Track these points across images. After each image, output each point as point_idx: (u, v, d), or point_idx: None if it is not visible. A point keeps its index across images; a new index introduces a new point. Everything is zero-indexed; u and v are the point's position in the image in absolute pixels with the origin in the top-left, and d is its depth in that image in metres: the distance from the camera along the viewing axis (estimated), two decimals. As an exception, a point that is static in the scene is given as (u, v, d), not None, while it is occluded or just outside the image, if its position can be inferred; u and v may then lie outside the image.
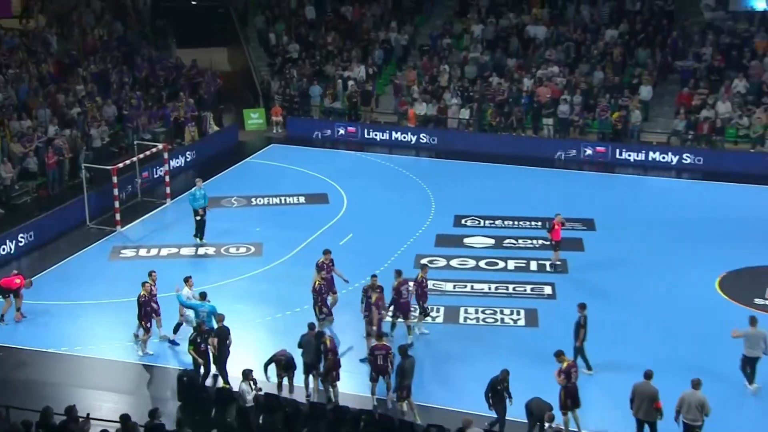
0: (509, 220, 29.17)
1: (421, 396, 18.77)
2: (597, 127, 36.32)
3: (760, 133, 34.26)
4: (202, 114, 38.08)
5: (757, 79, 35.80)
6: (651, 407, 16.95)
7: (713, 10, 38.76)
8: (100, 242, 28.21)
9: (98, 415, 16.96)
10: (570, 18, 40.53)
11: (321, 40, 42.35)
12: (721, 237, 27.56)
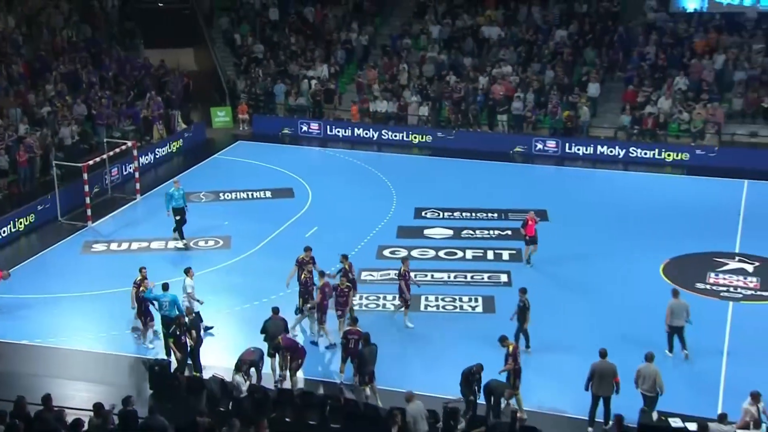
0: (467, 212, 29.18)
1: (384, 380, 18.67)
2: (548, 123, 36.42)
3: (700, 127, 34.55)
4: (170, 112, 37.67)
5: (697, 76, 36.08)
6: (610, 383, 17.29)
7: (655, 11, 39.05)
8: (71, 237, 27.81)
9: (72, 404, 16.69)
10: (522, 19, 40.60)
11: (285, 41, 42.06)
12: (665, 226, 27.80)
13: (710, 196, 30.96)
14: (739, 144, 34.28)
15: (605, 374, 17.26)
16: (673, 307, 19.90)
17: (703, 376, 18.05)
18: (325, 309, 20.54)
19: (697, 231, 27.06)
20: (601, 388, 17.33)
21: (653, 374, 17.23)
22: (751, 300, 22.84)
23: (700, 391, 18.07)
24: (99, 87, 36.55)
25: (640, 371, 17.36)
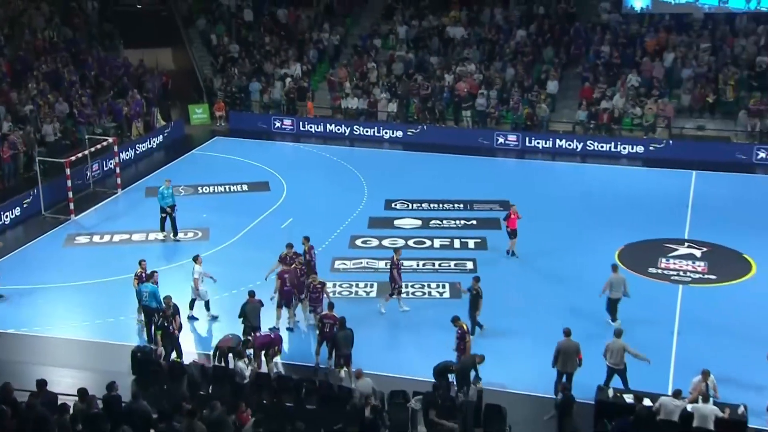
0: (434, 203, 29.25)
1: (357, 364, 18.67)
2: (510, 119, 36.54)
3: (651, 121, 34.85)
4: (150, 110, 37.41)
5: (648, 74, 36.39)
6: (574, 360, 17.56)
7: (609, 12, 39.24)
8: (55, 230, 27.57)
9: (58, 389, 16.52)
10: (485, 20, 40.71)
11: (259, 41, 41.88)
12: (619, 215, 28.08)
13: (661, 187, 31.24)
14: (687, 137, 34.55)
15: (569, 352, 17.58)
16: (612, 280, 20.54)
17: (655, 354, 18.19)
18: (286, 294, 20.49)
19: (650, 219, 27.33)
20: (566, 365, 17.61)
21: (620, 348, 17.56)
22: (699, 283, 23.14)
23: (652, 368, 18.23)
24: (80, 86, 36.21)
25: (608, 346, 17.72)
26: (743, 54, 36.23)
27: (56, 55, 37.54)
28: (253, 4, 43.61)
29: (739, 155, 33.24)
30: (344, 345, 18.48)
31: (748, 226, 26.60)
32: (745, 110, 34.20)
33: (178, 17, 43.30)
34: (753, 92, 34.78)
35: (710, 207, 28.63)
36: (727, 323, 20.70)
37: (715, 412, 15.86)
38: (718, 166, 32.76)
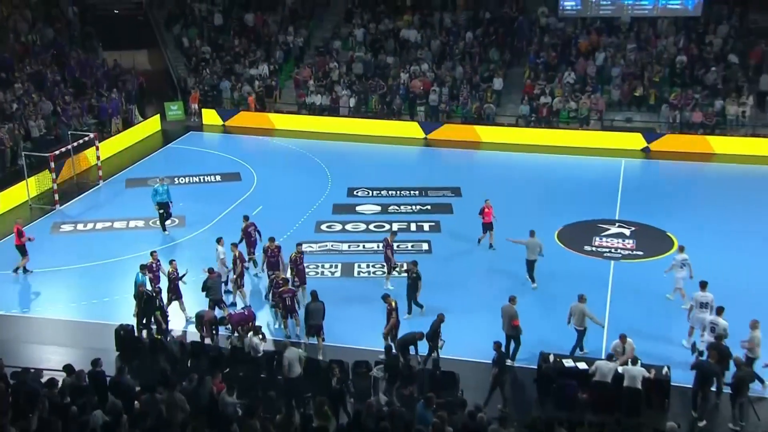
0: (392, 190, 29.27)
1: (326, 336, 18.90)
2: (460, 113, 36.64)
3: (585, 114, 35.19)
4: (128, 107, 37.00)
5: (582, 72, 36.71)
6: (511, 324, 17.79)
7: (547, 16, 39.43)
8: (41, 219, 27.22)
9: (47, 366, 16.43)
10: (436, 23, 40.71)
11: (229, 43, 41.49)
12: (558, 198, 28.39)
13: (594, 173, 31.55)
14: (617, 128, 34.90)
15: (507, 315, 17.89)
16: (528, 244, 21.40)
17: (590, 323, 18.50)
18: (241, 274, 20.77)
19: (585, 202, 27.62)
20: (506, 328, 17.93)
21: (581, 311, 17.93)
22: (628, 259, 23.44)
23: (588, 334, 18.54)
24: (63, 85, 35.74)
25: (571, 309, 18.08)
26: (665, 54, 36.73)
27: (39, 57, 37.01)
28: (223, 10, 43.17)
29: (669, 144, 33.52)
30: (315, 317, 18.53)
31: (670, 208, 27.03)
32: (667, 104, 34.69)
33: (153, 21, 42.77)
34: (673, 88, 35.27)
35: (637, 191, 29.05)
36: (653, 294, 21.02)
37: (643, 373, 16.20)
38: (645, 153, 33.33)
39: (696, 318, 18.34)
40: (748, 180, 30.57)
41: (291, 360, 16.54)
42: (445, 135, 35.63)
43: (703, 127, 33.83)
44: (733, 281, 20.78)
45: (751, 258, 23.21)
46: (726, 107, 33.92)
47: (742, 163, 32.11)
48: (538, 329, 18.33)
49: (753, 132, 33.42)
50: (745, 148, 32.86)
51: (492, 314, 18.46)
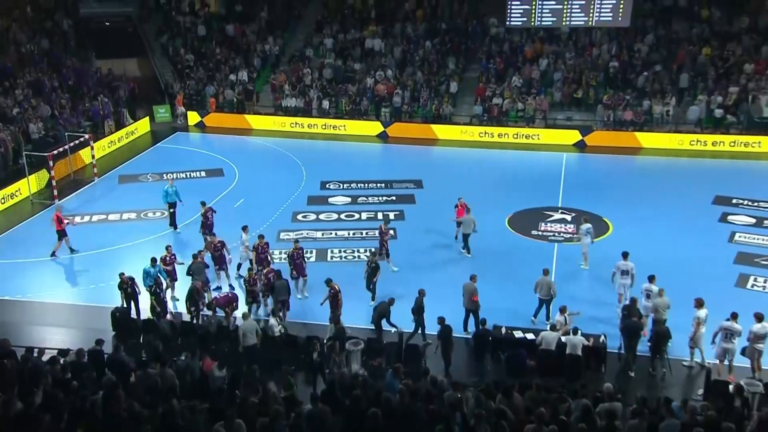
0: (361, 183, 29.25)
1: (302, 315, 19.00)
2: (421, 113, 36.70)
3: (531, 114, 35.41)
4: (119, 110, 36.48)
5: (528, 76, 36.92)
6: (471, 299, 17.95)
7: (497, 27, 39.56)
8: (41, 213, 26.85)
9: (50, 345, 16.22)
10: (398, 33, 40.68)
11: (211, 52, 41.08)
12: (508, 189, 28.56)
13: (539, 166, 31.77)
14: (559, 126, 35.20)
15: (468, 291, 18.04)
16: (464, 220, 22.27)
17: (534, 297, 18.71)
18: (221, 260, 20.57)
19: (531, 192, 27.76)
20: (466, 302, 18.10)
21: (547, 283, 18.36)
22: (569, 241, 23.67)
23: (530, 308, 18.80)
24: (60, 91, 35.18)
25: (538, 282, 18.49)
26: (599, 60, 37.10)
27: (38, 65, 36.44)
28: (205, 21, 42.70)
29: (604, 140, 33.82)
30: (282, 293, 18.62)
31: (605, 196, 27.30)
32: (602, 104, 35.06)
33: (141, 33, 42.21)
34: (607, 90, 35.66)
35: (577, 181, 29.28)
36: (591, 272, 21.30)
37: (583, 341, 16.46)
38: (584, 148, 33.65)
39: (619, 284, 18.96)
40: (671, 170, 31.05)
41: (246, 330, 16.66)
42: (407, 133, 35.63)
43: (632, 124, 34.27)
44: (658, 255, 21.13)
45: (673, 236, 23.67)
46: (652, 107, 34.39)
47: (666, 156, 32.59)
48: (494, 304, 18.44)
49: (675, 128, 33.94)
50: (668, 142, 33.35)
51: (451, 291, 18.56)
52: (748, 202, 26.47)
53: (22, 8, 41.34)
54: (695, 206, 26.22)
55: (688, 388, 16.18)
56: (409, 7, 41.70)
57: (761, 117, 33.14)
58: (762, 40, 35.88)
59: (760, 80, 34.28)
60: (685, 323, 16.90)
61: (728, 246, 23.12)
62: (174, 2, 44.04)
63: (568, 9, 31.28)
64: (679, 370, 16.93)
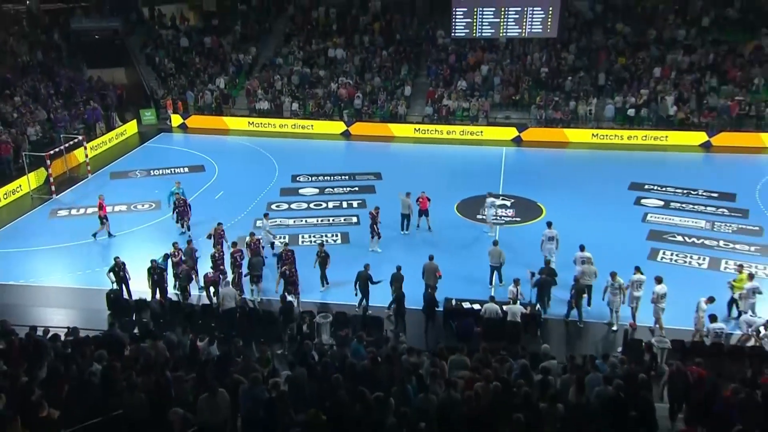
0: (328, 176, 29.09)
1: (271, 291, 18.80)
2: (378, 114, 36.65)
3: (475, 114, 35.59)
4: (109, 114, 35.70)
5: (471, 80, 37.06)
6: (434, 275, 18.02)
7: (444, 38, 39.42)
8: (41, 206, 26.23)
9: (51, 324, 15.91)
10: (357, 44, 40.48)
11: (191, 61, 40.36)
12: (457, 179, 28.63)
13: (483, 159, 31.84)
14: (498, 123, 35.34)
15: (430, 270, 18.12)
16: (402, 202, 22.66)
17: (480, 274, 18.90)
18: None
19: (476, 181, 27.73)
20: (428, 279, 18.14)
21: (497, 252, 18.85)
22: (509, 224, 23.89)
23: (478, 283, 18.98)
24: (55, 97, 34.30)
25: (490, 251, 18.99)
26: (532, 66, 37.44)
27: (34, 75, 35.46)
28: (186, 34, 41.91)
29: (538, 136, 34.18)
30: (257, 268, 18.61)
31: (539, 184, 27.58)
32: (535, 105, 35.43)
33: (128, 45, 41.27)
34: (539, 92, 36.00)
35: (515, 172, 29.47)
36: (528, 250, 21.47)
37: (521, 310, 16.69)
38: (521, 143, 33.80)
39: (546, 248, 19.53)
40: (593, 161, 31.45)
41: (225, 295, 16.74)
42: (367, 131, 35.53)
43: (561, 122, 34.69)
44: (583, 233, 21.09)
45: (596, 217, 24.06)
46: (577, 107, 34.86)
47: (589, 149, 33.01)
48: (445, 279, 18.48)
49: (597, 125, 34.48)
50: (591, 137, 33.81)
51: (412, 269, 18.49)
52: (657, 188, 27.07)
53: (20, 24, 40.24)
54: (614, 191, 26.68)
55: (609, 346, 16.55)
56: (367, 20, 41.50)
57: (667, 115, 33.88)
58: (666, 49, 36.67)
59: (666, 83, 35.03)
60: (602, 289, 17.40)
61: (642, 225, 23.62)
62: (156, 17, 43.16)
63: (505, 22, 31.44)
64: (602, 330, 17.31)
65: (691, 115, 33.69)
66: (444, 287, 17.93)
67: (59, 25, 41.02)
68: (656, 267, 20.15)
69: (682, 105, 34.06)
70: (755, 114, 33.19)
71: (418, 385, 11.32)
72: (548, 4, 30.61)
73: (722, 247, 21.72)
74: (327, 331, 16.46)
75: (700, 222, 23.71)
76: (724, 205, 25.18)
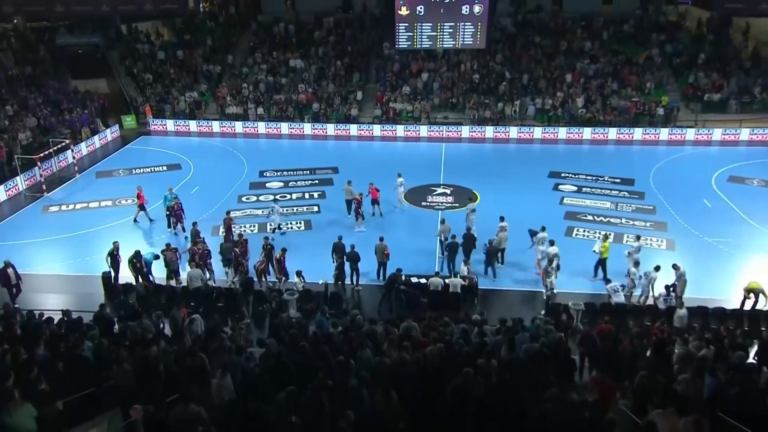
0: (291, 171, 28.74)
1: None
2: (334, 116, 36.33)
3: (418, 114, 35.60)
4: (93, 120, 34.38)
5: (414, 86, 37.07)
6: (383, 253, 18.05)
7: (389, 49, 39.28)
8: (33, 204, 25.21)
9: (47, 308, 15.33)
10: (314, 55, 39.99)
11: (167, 72, 39.16)
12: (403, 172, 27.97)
13: (426, 153, 31.99)
14: (439, 123, 35.43)
15: (379, 250, 18.18)
16: (345, 190, 22.64)
17: (425, 252, 19.04)
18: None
19: (421, 173, 27.77)
20: (378, 257, 18.21)
21: (447, 228, 19.33)
22: (449, 209, 23.97)
23: (425, 259, 19.12)
24: (43, 106, 32.90)
25: (441, 229, 19.47)
26: (466, 73, 37.69)
27: (23, 86, 33.90)
28: (162, 47, 40.60)
29: (472, 133, 34.51)
30: (226, 253, 18.26)
31: (474, 174, 27.76)
32: (469, 106, 35.66)
33: (109, 58, 39.75)
34: (471, 95, 36.22)
35: (453, 164, 29.63)
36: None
37: (461, 282, 16.92)
38: (458, 140, 34.07)
39: (469, 219, 19.97)
40: (519, 153, 31.93)
41: (192, 277, 16.52)
42: (325, 132, 35.23)
43: (491, 121, 35.09)
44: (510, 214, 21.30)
45: (521, 200, 24.36)
46: (504, 108, 35.32)
47: (516, 143, 33.47)
48: (396, 257, 18.53)
49: (521, 123, 34.98)
50: (515, 134, 34.23)
51: (367, 250, 18.48)
52: (572, 175, 27.69)
53: (8, 40, 38.35)
54: (536, 179, 27.14)
55: (534, 310, 16.94)
56: (322, 35, 41.01)
57: (578, 114, 34.67)
58: (575, 58, 37.45)
59: (576, 87, 35.80)
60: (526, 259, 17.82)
61: (559, 207, 24.13)
62: (133, 33, 41.69)
63: (441, 35, 31.59)
64: (529, 297, 17.67)
65: (597, 114, 34.56)
66: (393, 264, 17.93)
67: (45, 42, 39.24)
68: (572, 242, 20.70)
69: (590, 105, 34.91)
70: (648, 112, 34.29)
71: (375, 350, 11.36)
72: (477, 20, 30.89)
73: (624, 224, 22.44)
74: (294, 306, 16.36)
75: (606, 203, 24.39)
76: (625, 188, 25.97)
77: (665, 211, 23.45)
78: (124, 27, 42.10)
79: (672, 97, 34.85)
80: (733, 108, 34.26)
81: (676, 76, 36.43)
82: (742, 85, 34.70)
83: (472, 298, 17.32)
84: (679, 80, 36.10)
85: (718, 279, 17.72)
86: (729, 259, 19.38)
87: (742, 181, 26.58)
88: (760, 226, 21.90)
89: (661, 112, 33.94)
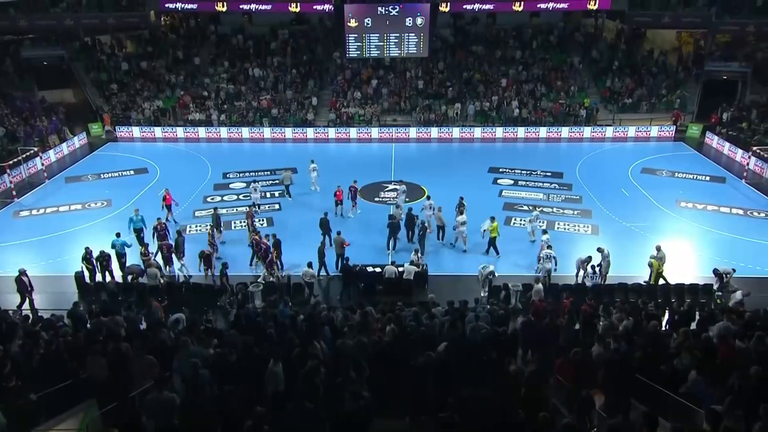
0: (252, 172, 28.32)
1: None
2: (291, 120, 35.90)
3: (369, 118, 35.58)
4: (61, 128, 32.91)
5: (366, 90, 37.07)
6: (341, 246, 18.01)
7: (341, 57, 38.88)
8: (4, 209, 24.03)
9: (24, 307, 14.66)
10: (271, 64, 39.37)
11: (131, 82, 37.79)
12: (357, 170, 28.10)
13: (378, 153, 31.99)
14: (389, 125, 35.46)
15: (337, 242, 18.20)
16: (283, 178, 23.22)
17: (379, 244, 19.11)
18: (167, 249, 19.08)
19: (373, 171, 27.78)
20: (336, 249, 18.21)
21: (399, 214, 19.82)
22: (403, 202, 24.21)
23: (377, 248, 19.21)
24: (11, 116, 31.24)
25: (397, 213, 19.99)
26: (412, 80, 37.89)
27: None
28: (126, 59, 39.13)
29: (418, 134, 34.72)
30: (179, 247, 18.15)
31: (421, 170, 27.95)
32: (415, 110, 35.88)
33: (74, 69, 38.03)
34: (418, 100, 36.48)
35: (403, 163, 29.74)
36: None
37: (414, 269, 17.07)
38: (407, 140, 34.17)
39: (426, 215, 20.17)
40: (462, 151, 32.28)
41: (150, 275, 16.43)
42: (283, 135, 34.80)
43: (435, 122, 35.44)
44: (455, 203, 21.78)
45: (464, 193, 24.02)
46: (447, 110, 35.74)
47: (458, 142, 33.85)
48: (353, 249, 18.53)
49: (462, 124, 35.45)
50: (458, 134, 34.62)
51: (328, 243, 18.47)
52: (509, 170, 28.34)
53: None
54: (477, 174, 27.60)
55: (477, 292, 17.28)
56: (279, 45, 40.40)
57: (512, 115, 35.45)
58: (508, 65, 38.22)
59: (510, 92, 36.58)
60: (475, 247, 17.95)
61: (498, 198, 24.66)
62: (98, 45, 40.03)
63: (387, 44, 31.71)
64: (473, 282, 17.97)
65: (530, 115, 35.41)
66: (352, 255, 17.92)
67: (10, 54, 37.21)
68: (510, 230, 21.19)
69: (523, 107, 35.73)
70: (572, 113, 35.39)
71: (333, 334, 11.41)
72: (420, 31, 31.14)
73: (555, 213, 23.15)
74: (259, 297, 16.20)
75: (539, 194, 25.07)
76: (555, 181, 26.75)
77: (590, 200, 24.30)
78: (88, 39, 40.41)
79: (593, 99, 36.08)
80: (644, 108, 35.78)
81: (595, 80, 37.70)
82: (651, 88, 36.27)
83: (423, 284, 17.51)
84: (598, 84, 37.39)
85: (635, 258, 18.53)
86: (644, 241, 20.28)
87: (653, 172, 27.82)
88: (669, 211, 23.01)
89: (584, 113, 35.09)
